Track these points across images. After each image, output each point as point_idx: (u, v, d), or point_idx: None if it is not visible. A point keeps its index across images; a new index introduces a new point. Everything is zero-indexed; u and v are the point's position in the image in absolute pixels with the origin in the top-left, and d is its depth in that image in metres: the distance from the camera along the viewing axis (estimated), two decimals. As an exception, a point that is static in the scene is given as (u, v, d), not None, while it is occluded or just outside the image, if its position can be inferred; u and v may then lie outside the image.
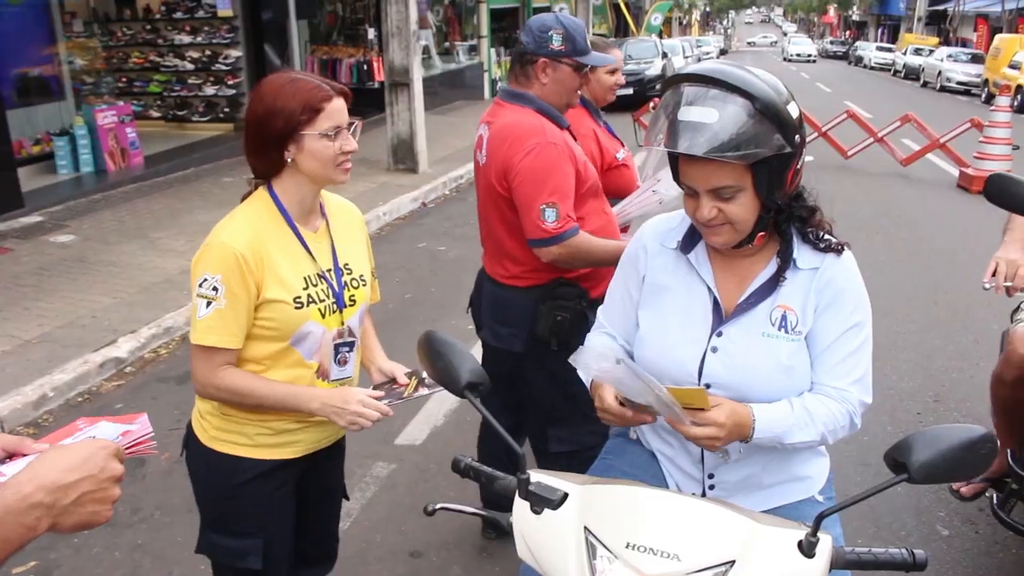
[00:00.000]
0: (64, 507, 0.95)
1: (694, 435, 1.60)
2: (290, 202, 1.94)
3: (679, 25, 55.26)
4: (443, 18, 19.53)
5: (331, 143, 1.88)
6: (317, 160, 1.88)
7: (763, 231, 1.73)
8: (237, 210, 1.96)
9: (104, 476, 1.00)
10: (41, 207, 8.27)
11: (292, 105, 1.83)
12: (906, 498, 3.59)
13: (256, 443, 2.00)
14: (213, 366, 1.88)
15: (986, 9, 35.63)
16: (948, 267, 7.20)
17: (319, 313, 1.95)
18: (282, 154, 1.87)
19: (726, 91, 1.60)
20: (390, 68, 10.46)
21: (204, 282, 1.83)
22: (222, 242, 1.86)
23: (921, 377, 4.93)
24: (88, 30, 11.17)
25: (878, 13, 58.07)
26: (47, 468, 0.95)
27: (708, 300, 1.80)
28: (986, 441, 1.37)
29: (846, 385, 1.75)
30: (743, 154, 1.57)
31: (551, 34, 2.63)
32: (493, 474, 1.51)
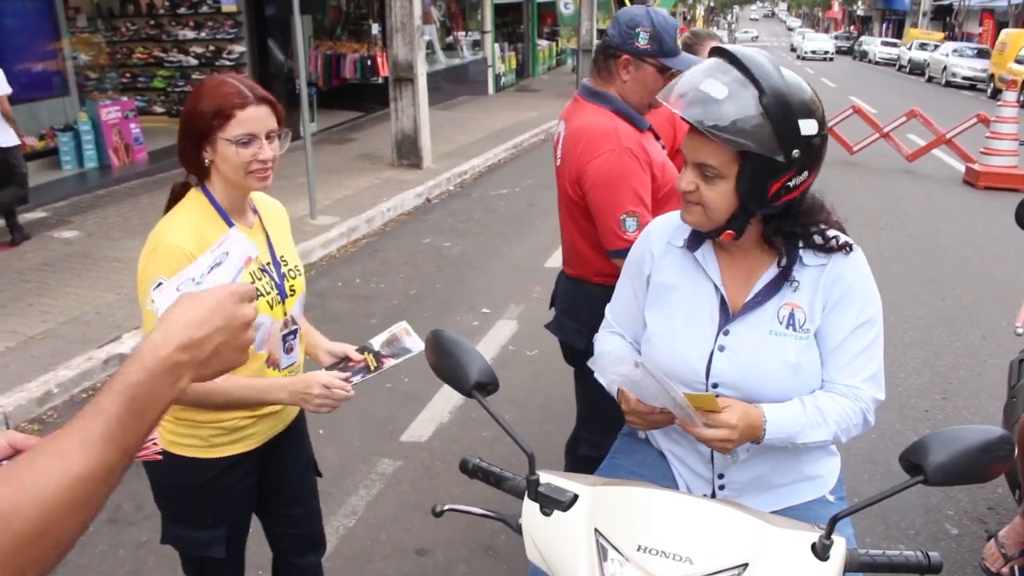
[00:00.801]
0: (202, 360, 0.95)
1: (707, 437, 1.59)
2: (222, 200, 1.96)
3: (683, 20, 55.15)
4: (447, 13, 19.49)
5: (242, 150, 1.87)
6: (228, 165, 1.89)
7: (733, 230, 1.70)
8: (175, 211, 1.96)
9: (236, 324, 0.99)
10: (45, 203, 8.26)
11: (208, 108, 1.85)
12: (915, 497, 3.56)
13: (211, 444, 2.02)
14: None
15: (992, 4, 35.49)
16: (955, 263, 7.17)
17: (267, 305, 1.98)
18: (200, 155, 1.90)
19: (744, 76, 1.60)
20: (394, 63, 10.43)
21: (159, 285, 1.79)
22: (170, 243, 1.86)
23: (929, 374, 4.91)
24: (92, 25, 11.15)
25: (883, 8, 57.87)
26: (179, 326, 0.94)
27: (715, 298, 1.78)
28: (1004, 443, 1.34)
29: (858, 383, 1.73)
30: (728, 138, 1.56)
31: (638, 31, 2.51)
32: (502, 474, 1.49)
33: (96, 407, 0.87)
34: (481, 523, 3.37)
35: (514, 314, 5.84)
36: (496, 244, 7.68)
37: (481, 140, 12.96)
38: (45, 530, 0.81)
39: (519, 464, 1.52)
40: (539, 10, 25.03)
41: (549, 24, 26.67)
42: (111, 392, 0.88)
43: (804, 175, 1.64)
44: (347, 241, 7.69)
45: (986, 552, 3.09)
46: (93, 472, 0.84)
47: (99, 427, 0.86)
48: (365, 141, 12.42)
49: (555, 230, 2.94)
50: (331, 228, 7.61)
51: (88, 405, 0.88)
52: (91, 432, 0.85)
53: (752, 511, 1.42)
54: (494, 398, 1.92)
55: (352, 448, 4.04)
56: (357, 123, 14.17)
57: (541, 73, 25.41)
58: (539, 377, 4.81)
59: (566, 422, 4.28)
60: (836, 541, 1.32)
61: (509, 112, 16.35)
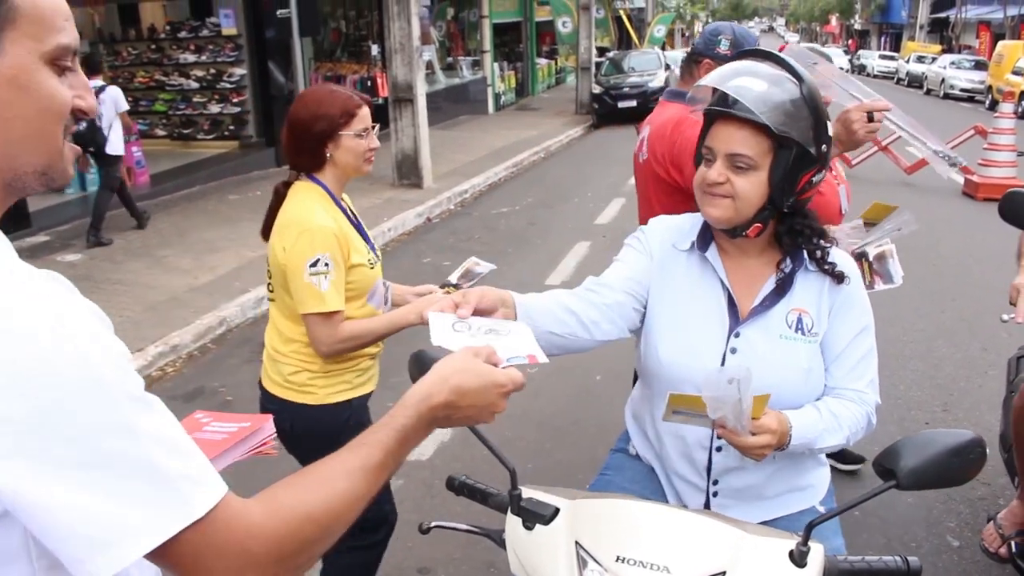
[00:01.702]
0: (454, 419, 1.15)
1: (750, 444, 1.56)
2: (333, 188, 2.38)
3: (682, 37, 55.41)
4: (446, 33, 19.65)
5: (362, 141, 2.32)
6: (352, 155, 2.32)
7: (760, 223, 1.72)
8: (300, 199, 2.33)
9: (490, 408, 1.17)
10: (48, 227, 8.33)
11: (333, 111, 2.27)
12: (916, 509, 3.56)
13: (354, 384, 2.45)
14: (335, 326, 2.28)
15: (988, 16, 35.65)
16: (955, 274, 7.18)
17: (379, 269, 2.46)
18: (323, 151, 2.29)
19: (781, 68, 1.68)
20: (394, 84, 10.51)
21: (317, 261, 2.21)
22: (319, 225, 2.24)
23: (929, 386, 4.90)
24: (94, 50, 11.26)
25: (880, 22, 58.14)
26: (448, 387, 1.12)
27: (723, 299, 1.79)
28: (975, 446, 1.36)
29: (863, 387, 1.77)
30: (776, 126, 1.61)
31: (720, 38, 2.76)
32: (487, 491, 1.51)
33: (375, 440, 1.05)
34: (483, 541, 3.33)
35: (513, 331, 5.85)
36: (497, 263, 7.67)
37: (481, 159, 13.03)
38: (323, 537, 0.97)
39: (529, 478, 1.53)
40: (538, 29, 25.23)
41: (548, 43, 26.87)
42: (389, 429, 1.06)
43: (823, 174, 1.72)
44: (347, 261, 7.71)
45: (985, 533, 3.21)
46: (367, 493, 1.01)
47: (378, 457, 1.03)
48: (366, 161, 12.48)
49: (555, 248, 3.00)
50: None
51: (365, 438, 1.05)
52: (372, 460, 1.02)
53: (732, 521, 1.43)
54: None
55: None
56: (358, 144, 14.24)
57: (541, 91, 25.57)
58: (538, 394, 4.82)
59: (568, 438, 4.30)
60: (813, 548, 1.33)
61: (509, 131, 16.45)
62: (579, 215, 9.75)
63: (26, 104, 0.89)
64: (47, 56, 0.90)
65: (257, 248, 7.74)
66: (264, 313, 6.48)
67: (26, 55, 0.88)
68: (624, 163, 13.39)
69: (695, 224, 1.87)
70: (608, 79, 19.69)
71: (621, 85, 19.10)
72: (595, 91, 19.37)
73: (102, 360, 0.83)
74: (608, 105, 18.75)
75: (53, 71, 0.91)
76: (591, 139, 17.40)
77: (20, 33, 0.87)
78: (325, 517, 0.96)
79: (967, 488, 3.69)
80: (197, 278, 6.86)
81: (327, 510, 0.96)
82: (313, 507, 0.95)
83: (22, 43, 0.88)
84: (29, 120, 0.90)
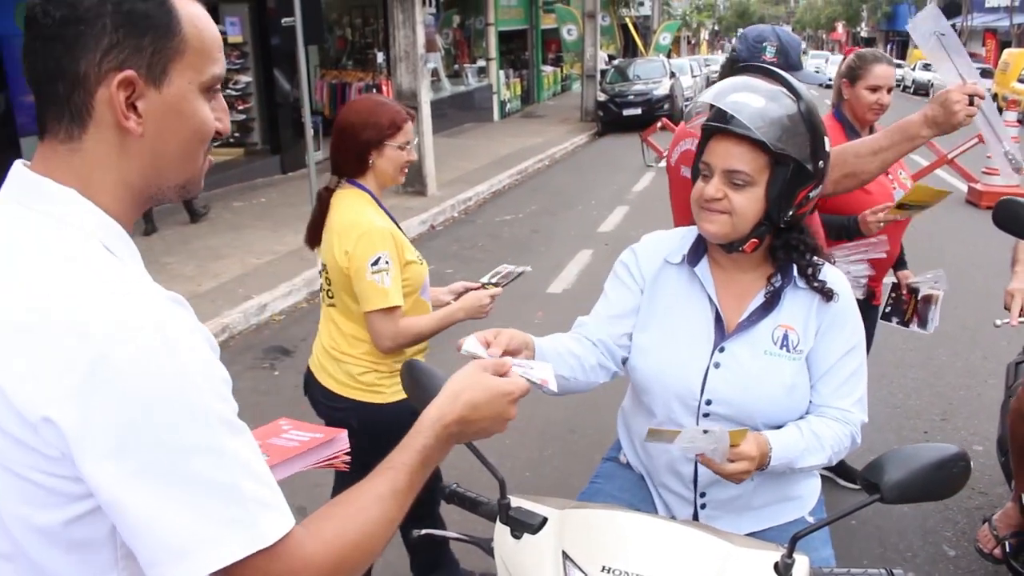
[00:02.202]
0: (469, 432, 1.21)
1: (729, 471, 1.60)
2: (376, 193, 2.49)
3: (687, 44, 55.45)
4: (452, 41, 19.70)
5: (402, 153, 2.46)
6: (392, 164, 2.46)
7: (756, 239, 1.74)
8: (350, 204, 2.44)
9: (502, 416, 1.23)
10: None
11: (383, 120, 2.40)
12: (912, 518, 3.56)
13: None
14: (397, 321, 2.40)
15: (995, 24, 35.59)
16: (958, 283, 7.13)
17: (418, 262, 2.52)
18: (368, 157, 2.42)
19: (779, 85, 1.69)
20: (398, 92, 10.55)
21: (378, 260, 2.32)
22: (376, 227, 2.35)
23: (928, 395, 4.90)
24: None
25: (886, 29, 58.09)
26: (459, 404, 1.19)
27: (711, 314, 1.81)
28: (958, 460, 1.37)
29: (849, 406, 1.77)
30: (773, 143, 1.62)
31: (765, 45, 2.64)
32: (477, 499, 1.53)
33: (400, 463, 1.11)
34: (474, 548, 3.37)
35: (515, 339, 5.86)
36: (499, 270, 7.72)
37: (486, 167, 13.06)
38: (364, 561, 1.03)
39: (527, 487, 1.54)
40: (543, 37, 25.28)
41: (554, 50, 26.91)
42: (412, 451, 1.13)
43: (819, 189, 1.73)
44: (351, 268, 7.73)
45: (980, 534, 3.25)
46: (399, 516, 1.08)
47: (404, 480, 1.09)
48: (370, 169, 12.51)
49: (557, 257, 3.04)
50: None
51: (390, 462, 1.12)
52: (400, 484, 1.09)
53: (719, 532, 1.44)
54: None
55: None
56: (363, 151, 14.28)
57: (546, 99, 25.62)
58: (540, 402, 4.79)
59: (566, 447, 4.31)
60: (798, 560, 1.34)
61: (514, 138, 16.48)
62: (582, 223, 9.77)
63: (182, 128, 1.00)
64: (203, 85, 1.01)
65: (261, 255, 7.78)
66: (267, 320, 6.52)
67: (187, 84, 0.99)
68: (628, 171, 13.45)
69: (687, 238, 1.89)
70: (613, 87, 19.72)
71: (626, 93, 19.14)
72: (600, 99, 19.40)
73: (204, 381, 0.91)
74: (613, 113, 18.79)
75: (205, 98, 1.02)
76: (596, 146, 17.43)
77: (185, 64, 0.99)
78: (367, 543, 1.03)
79: (964, 497, 3.70)
80: (200, 285, 6.89)
81: (367, 535, 1.03)
82: (355, 536, 1.01)
83: (185, 74, 0.99)
84: (182, 142, 1.01)
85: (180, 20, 0.98)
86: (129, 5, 0.94)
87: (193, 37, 0.99)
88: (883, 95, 3.16)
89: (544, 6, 24.70)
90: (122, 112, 0.95)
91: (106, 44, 0.94)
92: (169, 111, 0.98)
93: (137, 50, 0.95)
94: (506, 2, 22.10)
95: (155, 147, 0.99)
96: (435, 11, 17.80)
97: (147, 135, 0.98)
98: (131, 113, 0.96)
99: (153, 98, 0.97)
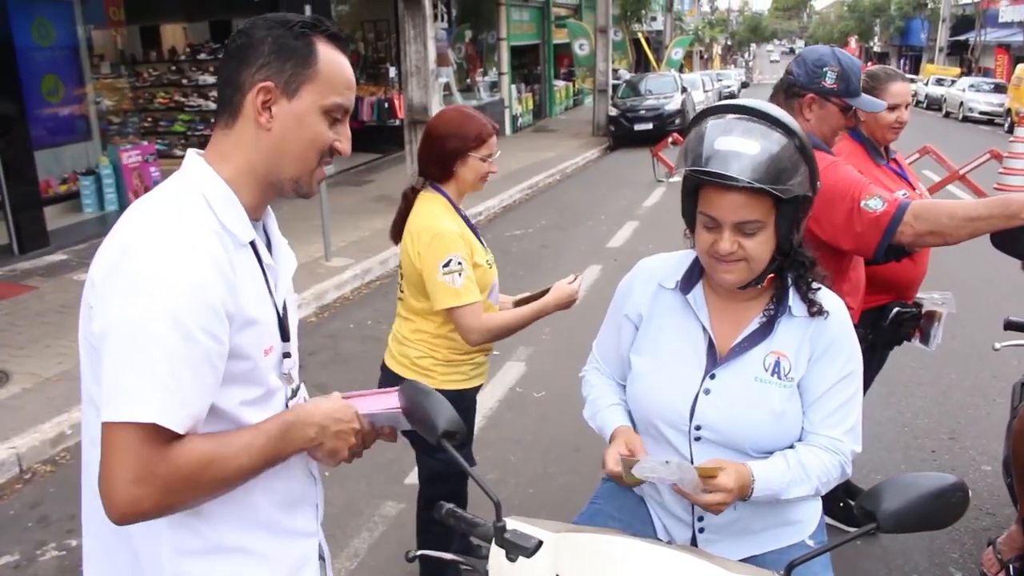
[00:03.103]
0: (327, 433, 1.38)
1: (705, 502, 1.61)
2: (454, 199, 2.62)
3: (700, 59, 55.47)
4: (464, 55, 19.79)
5: (484, 164, 2.60)
6: (474, 174, 2.60)
7: (772, 273, 1.75)
8: (427, 207, 2.58)
9: (349, 427, 1.42)
10: (66, 245, 8.44)
11: (469, 132, 2.54)
12: (919, 539, 3.54)
13: (469, 376, 2.74)
14: (478, 315, 2.52)
15: (1008, 39, 35.49)
16: (968, 301, 7.12)
17: (488, 265, 2.65)
18: (452, 165, 2.56)
19: (769, 125, 1.65)
20: (409, 106, 10.59)
21: (450, 261, 2.46)
22: (448, 230, 2.49)
23: (937, 414, 4.87)
24: (116, 72, 11.44)
25: (899, 44, 57.96)
26: (321, 406, 1.40)
27: (703, 341, 1.81)
28: (956, 490, 1.36)
29: (839, 435, 1.75)
30: (783, 187, 1.61)
31: (826, 70, 2.55)
32: (473, 521, 1.53)
33: (262, 428, 1.32)
34: (481, 566, 3.37)
35: (522, 356, 5.87)
36: (507, 286, 7.66)
37: (497, 181, 13.08)
38: (211, 488, 1.25)
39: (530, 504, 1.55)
40: (555, 51, 25.34)
41: (566, 65, 26.98)
42: (277, 422, 1.34)
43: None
44: (361, 283, 7.78)
45: (984, 558, 3.21)
46: (247, 467, 1.28)
47: (261, 441, 1.30)
48: (382, 183, 12.58)
49: (566, 272, 3.03)
50: (345, 270, 7.71)
51: (258, 426, 1.33)
52: (256, 442, 1.29)
53: (715, 559, 1.44)
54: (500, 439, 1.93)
55: (358, 490, 4.08)
56: (374, 165, 14.37)
57: (558, 113, 25.67)
58: (545, 419, 4.83)
59: (571, 465, 4.30)
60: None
61: (526, 152, 16.51)
62: (592, 238, 9.78)
63: (301, 134, 1.34)
64: (323, 108, 1.34)
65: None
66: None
67: (311, 104, 1.33)
68: (639, 186, 13.45)
69: (683, 262, 1.89)
70: (625, 101, 19.74)
71: (638, 108, 19.16)
72: (612, 113, 19.43)
73: (186, 291, 1.19)
74: (624, 128, 18.81)
75: (325, 119, 1.35)
76: (607, 161, 17.45)
77: (313, 88, 1.33)
78: (218, 473, 1.26)
79: (971, 518, 3.67)
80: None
81: (222, 472, 1.26)
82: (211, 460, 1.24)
83: (312, 95, 1.33)
84: (299, 145, 1.34)
85: (318, 56, 1.32)
86: (283, 40, 1.31)
87: (325, 71, 1.33)
88: (902, 112, 3.08)
89: (556, 21, 24.79)
90: (257, 110, 1.31)
91: (261, 62, 1.31)
92: (294, 118, 1.32)
93: (280, 70, 1.31)
94: (518, 17, 22.20)
95: (278, 143, 1.33)
96: (447, 26, 17.89)
97: (274, 132, 1.32)
98: (265, 112, 1.31)
99: (284, 106, 1.32)
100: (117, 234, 1.26)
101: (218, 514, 1.31)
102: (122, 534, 1.29)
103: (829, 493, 1.85)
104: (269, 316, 1.36)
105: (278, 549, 1.43)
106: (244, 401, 1.32)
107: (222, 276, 1.23)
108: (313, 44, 1.32)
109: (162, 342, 1.17)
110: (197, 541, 1.32)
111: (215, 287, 1.22)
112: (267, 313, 1.36)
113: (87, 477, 1.35)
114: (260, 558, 1.39)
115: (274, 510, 1.41)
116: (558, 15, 25.22)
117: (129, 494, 1.17)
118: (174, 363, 1.18)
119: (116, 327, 1.18)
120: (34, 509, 4.02)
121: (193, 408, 1.21)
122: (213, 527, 1.33)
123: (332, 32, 1.36)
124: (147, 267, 1.18)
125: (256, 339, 1.32)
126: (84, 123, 10.19)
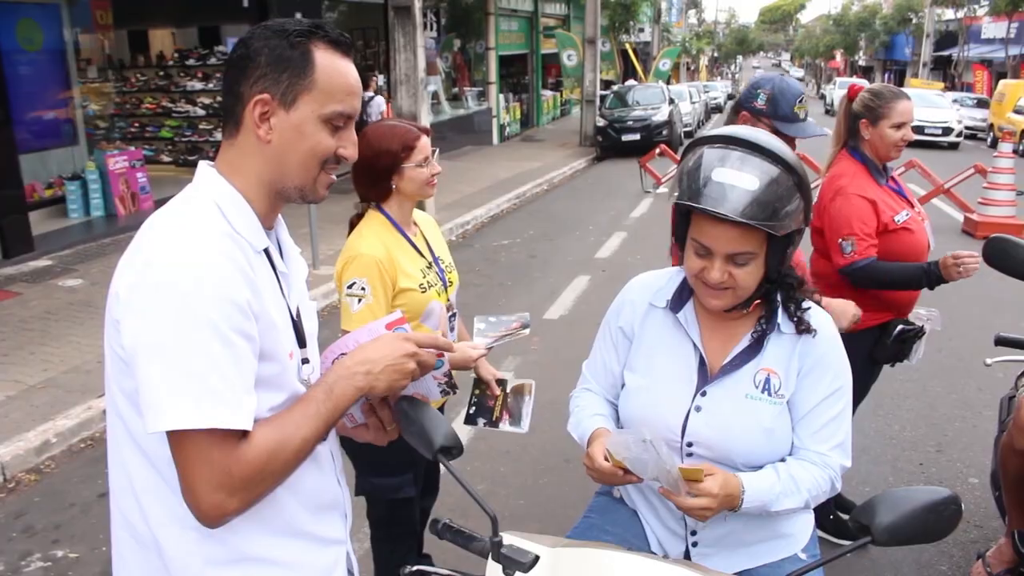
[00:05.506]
0: (375, 373, 1.35)
1: (688, 506, 1.61)
2: (397, 217, 2.55)
3: (687, 70, 55.79)
4: (452, 64, 19.82)
5: (423, 169, 2.51)
6: (414, 183, 2.51)
7: (759, 299, 1.77)
8: (361, 229, 2.53)
9: (399, 354, 1.38)
10: (51, 251, 8.37)
11: (394, 146, 2.46)
12: (907, 551, 3.55)
13: None
14: None
15: (990, 55, 35.91)
16: (953, 313, 7.16)
17: (436, 293, 2.56)
18: (389, 183, 2.49)
19: (767, 159, 1.64)
20: (398, 115, 10.60)
21: (353, 285, 2.40)
22: (361, 253, 2.42)
23: (924, 426, 4.90)
24: (103, 76, 11.39)
25: (884, 58, 58.54)
26: (360, 352, 1.39)
27: (694, 359, 1.82)
28: (950, 503, 1.37)
29: (827, 450, 1.77)
30: (778, 224, 1.61)
31: (759, 92, 2.74)
32: (470, 535, 1.52)
33: (309, 395, 1.33)
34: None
35: (511, 366, 5.86)
36: (496, 296, 7.72)
37: (484, 190, 13.10)
38: (283, 470, 1.28)
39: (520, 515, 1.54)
40: (543, 61, 25.43)
41: (554, 75, 27.07)
42: (321, 385, 1.34)
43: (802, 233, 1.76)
44: (348, 290, 7.72)
45: (973, 571, 3.23)
46: (309, 436, 1.30)
47: (312, 408, 1.31)
48: (369, 190, 12.54)
49: (554, 282, 3.04)
50: (332, 279, 7.64)
51: (305, 396, 1.34)
52: (308, 411, 1.30)
53: (711, 572, 1.44)
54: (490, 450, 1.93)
55: (356, 502, 4.04)
56: (362, 172, 14.31)
57: (545, 123, 25.73)
58: (535, 431, 4.79)
59: (561, 476, 4.29)
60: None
61: (513, 162, 16.54)
62: (580, 248, 9.79)
63: (301, 144, 1.33)
64: (323, 117, 1.32)
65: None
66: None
67: (310, 113, 1.31)
68: (627, 197, 13.49)
69: (674, 280, 1.91)
70: (612, 112, 19.81)
71: (625, 118, 19.23)
72: (599, 124, 19.49)
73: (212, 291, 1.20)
74: (612, 138, 18.88)
75: (326, 127, 1.33)
76: (594, 172, 17.49)
77: (311, 98, 1.31)
78: (289, 453, 1.28)
79: (960, 531, 3.69)
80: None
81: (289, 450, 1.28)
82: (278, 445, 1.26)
83: (310, 105, 1.31)
84: (300, 154, 1.33)
85: (315, 66, 1.30)
86: (280, 51, 1.29)
87: (323, 79, 1.31)
88: (907, 131, 3.10)
89: (545, 31, 24.88)
90: (256, 122, 1.30)
91: (258, 74, 1.29)
92: (292, 129, 1.31)
93: (277, 81, 1.29)
94: (507, 27, 22.25)
95: (279, 154, 1.32)
96: (436, 35, 17.91)
97: (275, 143, 1.32)
98: (263, 124, 1.30)
99: (282, 117, 1.31)
100: (137, 248, 1.26)
101: (243, 523, 1.30)
102: (150, 545, 1.32)
103: (820, 506, 1.86)
104: (285, 321, 1.37)
105: (305, 557, 1.41)
106: (272, 407, 1.32)
107: (244, 277, 1.25)
108: (310, 53, 1.30)
109: (204, 348, 1.18)
110: (223, 551, 1.32)
111: (239, 288, 1.23)
112: (284, 319, 1.36)
113: (115, 487, 1.36)
114: (286, 567, 1.38)
115: (301, 511, 1.40)
116: (546, 25, 25.31)
117: (213, 500, 1.20)
118: (220, 365, 1.19)
119: (153, 338, 1.19)
120: (18, 519, 3.96)
121: (249, 404, 1.24)
122: (240, 536, 1.32)
123: (332, 37, 1.33)
124: (172, 277, 1.19)
125: (279, 342, 1.33)
126: (70, 127, 10.12)
